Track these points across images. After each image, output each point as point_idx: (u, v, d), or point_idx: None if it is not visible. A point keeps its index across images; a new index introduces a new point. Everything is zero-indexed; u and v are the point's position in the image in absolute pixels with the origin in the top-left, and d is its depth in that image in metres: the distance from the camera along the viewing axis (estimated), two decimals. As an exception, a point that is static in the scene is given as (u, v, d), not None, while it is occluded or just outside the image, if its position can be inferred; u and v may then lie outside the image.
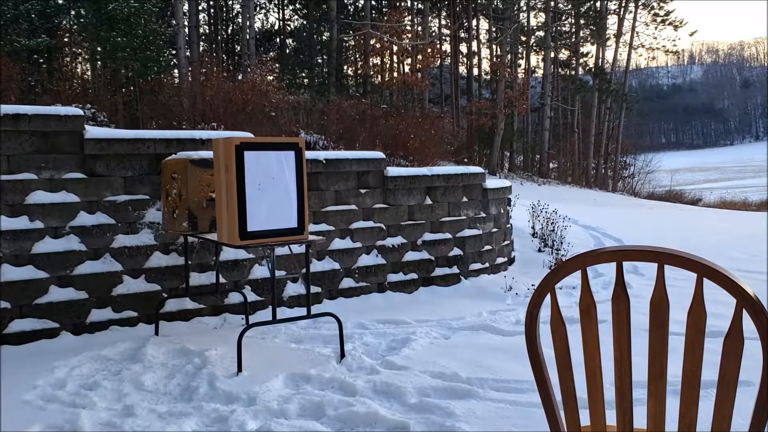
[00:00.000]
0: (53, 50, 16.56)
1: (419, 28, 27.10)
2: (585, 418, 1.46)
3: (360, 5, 28.81)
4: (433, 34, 29.18)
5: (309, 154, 5.08)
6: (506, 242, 6.92)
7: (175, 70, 18.60)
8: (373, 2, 28.42)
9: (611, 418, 1.46)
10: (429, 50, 23.82)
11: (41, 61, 16.96)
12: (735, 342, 1.29)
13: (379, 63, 26.47)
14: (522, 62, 31.35)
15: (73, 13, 17.55)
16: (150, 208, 4.47)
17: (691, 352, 1.32)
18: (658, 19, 32.66)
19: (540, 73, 31.96)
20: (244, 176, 3.33)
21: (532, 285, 5.79)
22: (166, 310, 4.43)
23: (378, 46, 24.02)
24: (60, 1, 16.94)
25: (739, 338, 1.28)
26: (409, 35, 25.04)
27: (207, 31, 28.52)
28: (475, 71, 32.18)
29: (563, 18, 31.58)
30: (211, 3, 27.98)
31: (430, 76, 26.44)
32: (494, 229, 6.50)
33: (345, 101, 16.49)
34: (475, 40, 31.42)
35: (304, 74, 25.17)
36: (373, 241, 5.50)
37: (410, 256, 5.69)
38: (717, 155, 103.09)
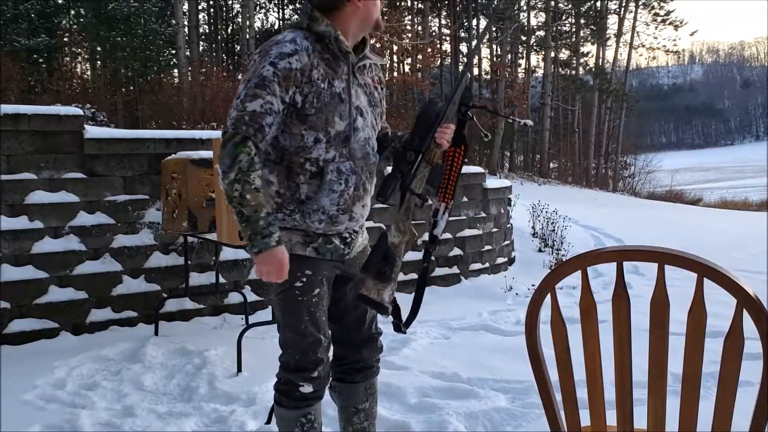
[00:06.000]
0: (53, 50, 16.57)
1: (419, 28, 27.09)
2: (585, 418, 1.46)
3: (360, 5, 28.73)
4: (433, 33, 29.17)
5: (309, 154, 5.06)
6: (506, 242, 6.92)
7: (175, 70, 18.59)
8: (373, 2, 28.36)
9: (611, 418, 1.45)
10: (429, 50, 23.81)
11: (41, 61, 16.96)
12: (735, 342, 1.28)
13: (379, 63, 26.41)
14: (522, 62, 31.35)
15: (72, 12, 17.57)
16: (150, 208, 4.47)
17: (691, 352, 1.32)
18: (659, 19, 32.64)
19: (540, 72, 31.93)
20: (244, 176, 3.32)
21: (533, 285, 5.79)
22: (166, 310, 4.42)
23: (378, 45, 24.01)
24: (60, 1, 16.95)
25: (739, 338, 1.28)
26: (409, 35, 25.03)
27: (207, 30, 28.50)
28: (476, 71, 32.17)
29: (563, 18, 31.54)
30: (211, 3, 27.97)
31: (430, 76, 26.42)
32: (494, 229, 6.50)
33: (345, 101, 16.44)
34: (475, 40, 31.39)
35: (304, 74, 25.06)
36: (373, 241, 5.49)
37: (410, 256, 5.68)
38: (717, 155, 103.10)
